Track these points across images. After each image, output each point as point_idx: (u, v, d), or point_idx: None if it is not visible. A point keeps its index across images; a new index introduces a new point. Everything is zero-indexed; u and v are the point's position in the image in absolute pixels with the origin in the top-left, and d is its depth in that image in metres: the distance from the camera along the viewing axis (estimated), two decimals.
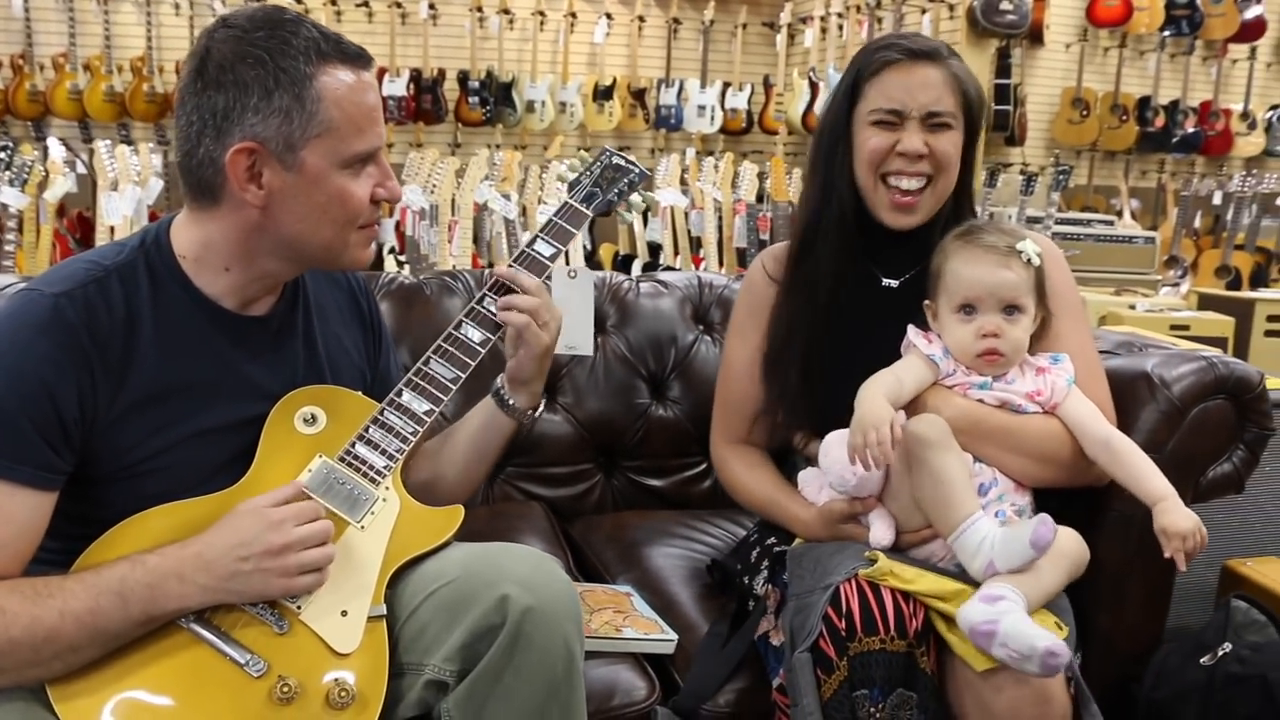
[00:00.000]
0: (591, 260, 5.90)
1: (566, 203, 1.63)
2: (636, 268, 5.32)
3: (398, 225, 5.19)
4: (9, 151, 4.04)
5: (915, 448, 1.45)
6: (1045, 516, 1.39)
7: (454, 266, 4.41)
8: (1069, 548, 1.46)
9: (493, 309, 1.47)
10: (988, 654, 1.34)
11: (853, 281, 1.67)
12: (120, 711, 1.17)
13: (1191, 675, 1.65)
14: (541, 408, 1.54)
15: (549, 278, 1.56)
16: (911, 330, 1.59)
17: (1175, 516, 1.43)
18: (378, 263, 5.14)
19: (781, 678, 1.47)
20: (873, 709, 1.37)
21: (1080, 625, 1.52)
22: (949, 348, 1.55)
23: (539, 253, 1.54)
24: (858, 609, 1.38)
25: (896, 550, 1.48)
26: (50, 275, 1.28)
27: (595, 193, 1.64)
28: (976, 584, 1.41)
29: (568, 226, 1.59)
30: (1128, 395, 1.67)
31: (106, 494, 1.27)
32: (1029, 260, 1.52)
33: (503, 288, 1.48)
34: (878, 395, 1.48)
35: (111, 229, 4.28)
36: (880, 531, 1.49)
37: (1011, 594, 1.35)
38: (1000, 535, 1.40)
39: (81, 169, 5.22)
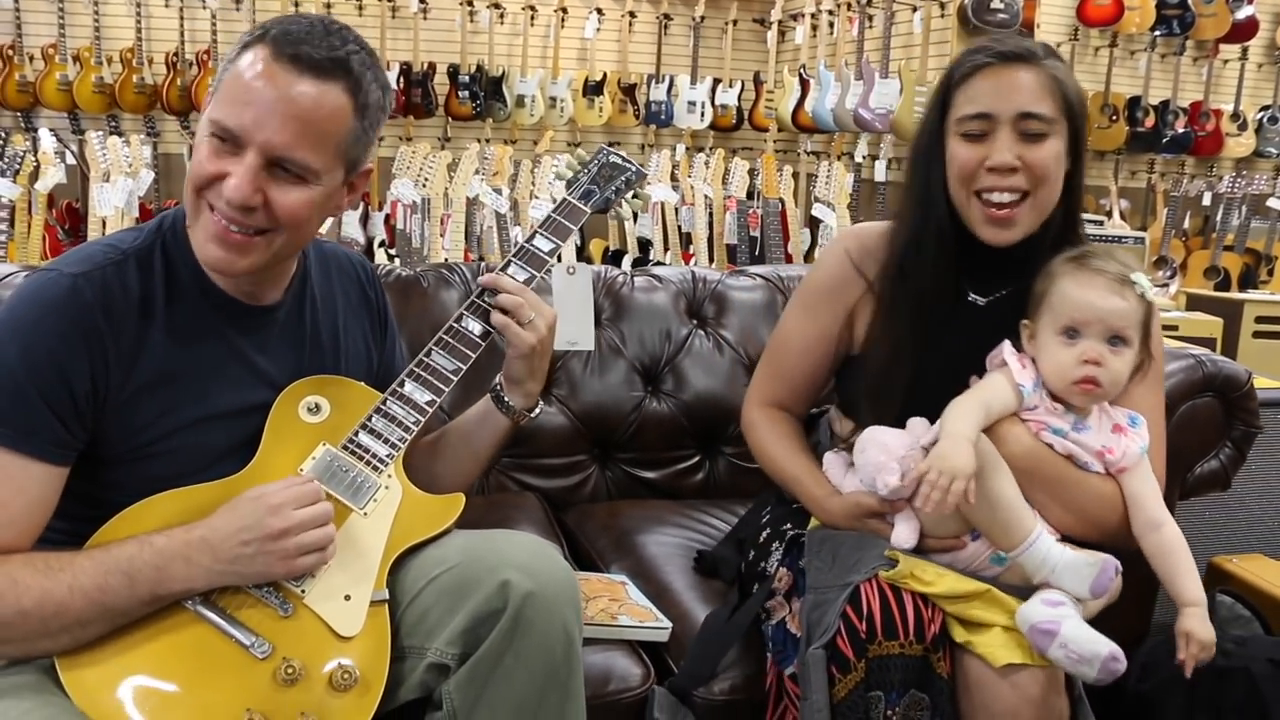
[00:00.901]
0: (582, 255, 5.91)
1: (565, 199, 1.65)
2: (626, 263, 5.34)
3: (387, 219, 5.19)
4: (1, 142, 4.03)
5: None
6: (1109, 562, 1.38)
7: (446, 260, 4.43)
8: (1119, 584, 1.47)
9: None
10: (1044, 654, 1.35)
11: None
12: (127, 689, 1.18)
13: (1176, 668, 1.68)
14: (539, 409, 1.55)
15: (549, 272, 1.58)
16: (1007, 348, 1.51)
17: (1202, 625, 1.44)
18: (368, 255, 5.15)
19: (795, 667, 1.47)
20: (888, 711, 1.39)
21: None
22: (1045, 372, 1.48)
23: (538, 248, 1.56)
24: (879, 611, 1.39)
25: (918, 552, 1.47)
26: (70, 256, 1.30)
27: (593, 190, 1.67)
28: (997, 584, 1.43)
29: (566, 222, 1.61)
30: None
31: (115, 475, 1.29)
32: (1142, 293, 1.47)
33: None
34: (966, 440, 1.40)
35: (103, 220, 4.28)
36: (904, 534, 1.48)
37: (1072, 600, 1.38)
38: (1066, 560, 1.40)
39: (71, 160, 5.21)
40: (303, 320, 1.44)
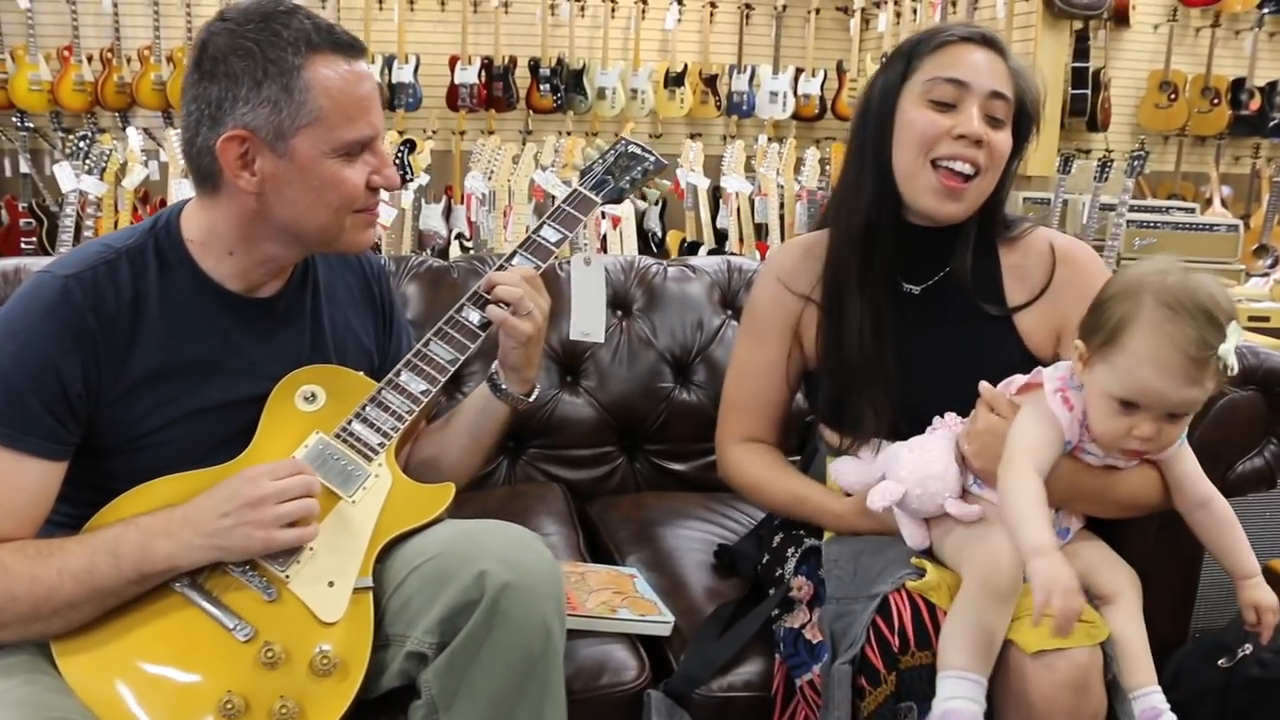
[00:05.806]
0: (661, 247, 5.91)
1: (576, 189, 1.65)
2: (703, 254, 5.32)
3: (466, 214, 5.26)
4: (88, 141, 4.20)
5: None
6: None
7: None
8: None
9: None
10: None
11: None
12: (117, 668, 1.22)
13: (1209, 677, 1.60)
14: (537, 393, 1.55)
15: (567, 263, 1.58)
16: (1049, 390, 1.41)
17: (1264, 593, 1.41)
18: (446, 249, 5.22)
19: (815, 676, 1.45)
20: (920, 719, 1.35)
21: None
22: (1093, 426, 1.39)
23: (545, 239, 1.57)
24: (910, 623, 1.35)
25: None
26: (65, 259, 1.34)
27: (606, 180, 1.67)
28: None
29: (575, 213, 1.61)
30: None
31: (111, 465, 1.32)
32: (1226, 368, 1.29)
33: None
34: (1053, 549, 1.27)
35: None
36: (915, 536, 1.45)
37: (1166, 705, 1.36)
38: None
39: (164, 158, 5.40)
40: (303, 312, 1.46)
